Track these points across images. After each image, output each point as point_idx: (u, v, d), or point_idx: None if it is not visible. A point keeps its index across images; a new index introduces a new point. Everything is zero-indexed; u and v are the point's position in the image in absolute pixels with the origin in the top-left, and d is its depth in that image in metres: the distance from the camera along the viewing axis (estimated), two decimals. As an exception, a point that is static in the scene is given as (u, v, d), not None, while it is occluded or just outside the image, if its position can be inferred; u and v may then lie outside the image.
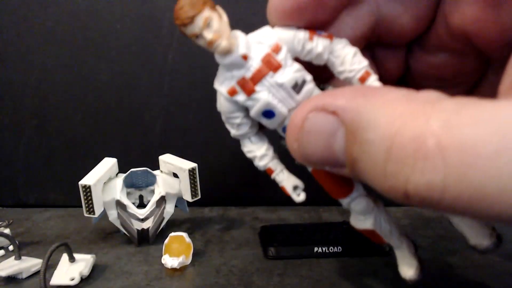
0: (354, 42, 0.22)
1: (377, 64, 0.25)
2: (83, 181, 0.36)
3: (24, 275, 0.33)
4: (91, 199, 0.37)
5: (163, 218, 0.40)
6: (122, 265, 0.35)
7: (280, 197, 0.28)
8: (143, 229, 0.39)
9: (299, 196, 0.22)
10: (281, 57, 0.20)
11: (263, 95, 0.20)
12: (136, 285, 0.32)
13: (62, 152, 0.51)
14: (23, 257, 0.34)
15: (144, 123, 0.50)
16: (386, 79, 0.22)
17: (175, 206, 0.41)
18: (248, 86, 0.20)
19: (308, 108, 0.18)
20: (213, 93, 0.23)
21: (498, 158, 0.12)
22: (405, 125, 0.14)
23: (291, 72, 0.20)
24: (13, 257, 0.34)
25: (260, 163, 0.23)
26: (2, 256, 0.37)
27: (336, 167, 0.18)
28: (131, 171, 0.41)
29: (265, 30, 0.21)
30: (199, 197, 0.40)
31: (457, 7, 0.21)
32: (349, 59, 0.21)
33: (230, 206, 0.49)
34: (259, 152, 0.22)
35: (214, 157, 0.50)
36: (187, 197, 0.40)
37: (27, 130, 0.51)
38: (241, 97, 0.20)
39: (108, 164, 0.40)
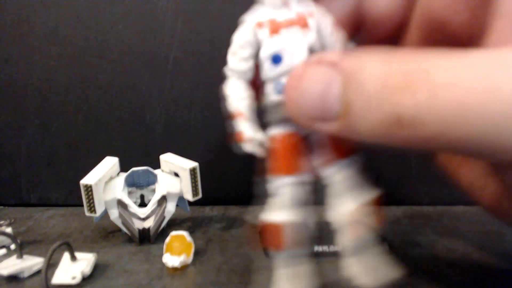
0: (342, 25, 0.24)
1: None
2: (85, 181, 0.37)
3: (26, 274, 0.33)
4: (93, 198, 0.37)
5: (164, 217, 0.40)
6: (124, 264, 0.35)
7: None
8: (144, 228, 0.39)
9: (253, 148, 0.22)
10: (311, 22, 0.22)
11: (283, 39, 0.22)
12: (137, 284, 0.32)
13: (64, 151, 0.51)
14: (24, 256, 0.34)
15: (146, 122, 0.50)
16: None
17: (176, 205, 0.41)
18: (275, 26, 0.22)
19: (309, 61, 0.20)
20: (214, 92, 0.23)
21: (469, 87, 0.15)
22: (396, 65, 0.17)
23: (313, 36, 0.22)
24: (15, 256, 0.34)
25: (234, 103, 0.23)
26: (4, 255, 0.37)
27: (327, 120, 0.19)
28: (132, 170, 0.41)
29: (310, 2, 0.23)
30: (200, 196, 0.41)
31: (435, 1, 0.23)
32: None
33: (231, 205, 0.49)
34: (240, 94, 0.23)
35: (215, 156, 0.50)
36: (188, 196, 0.40)
37: (29, 130, 0.51)
38: (264, 33, 0.22)
39: (110, 163, 0.40)
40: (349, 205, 0.22)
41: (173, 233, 0.35)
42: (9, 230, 0.39)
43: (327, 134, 0.20)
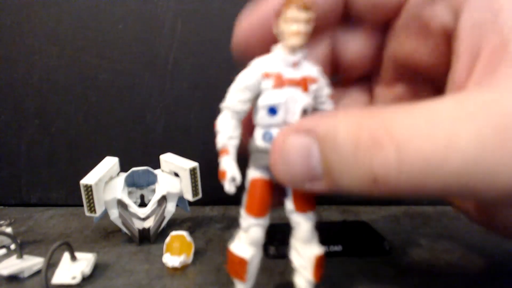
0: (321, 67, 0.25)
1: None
2: (85, 181, 0.37)
3: (26, 274, 0.33)
4: (93, 198, 0.37)
5: (164, 217, 0.40)
6: (124, 264, 0.35)
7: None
8: (144, 228, 0.39)
9: (231, 187, 0.24)
10: (312, 88, 0.24)
11: (283, 95, 0.23)
12: (137, 284, 0.32)
13: (64, 151, 0.51)
14: (24, 256, 0.34)
15: (146, 122, 0.50)
16: None
17: (176, 205, 0.41)
18: (280, 81, 0.23)
19: (286, 131, 0.22)
20: (214, 92, 0.23)
21: (430, 131, 0.17)
22: (364, 125, 0.18)
23: (309, 101, 0.24)
24: (15, 256, 0.34)
25: (224, 141, 0.24)
26: (4, 255, 0.37)
27: (314, 180, 0.21)
28: (132, 170, 0.41)
29: (315, 67, 0.24)
30: (200, 196, 0.41)
31: (399, 43, 0.26)
32: None
33: (231, 205, 0.49)
34: (230, 132, 0.24)
35: (215, 156, 0.49)
36: (188, 196, 0.40)
37: (29, 130, 0.51)
38: (268, 84, 0.23)
39: (110, 163, 0.40)
40: (310, 252, 0.25)
41: (173, 233, 0.35)
42: (9, 230, 0.39)
43: (317, 192, 0.22)
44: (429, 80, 0.26)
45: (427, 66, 0.25)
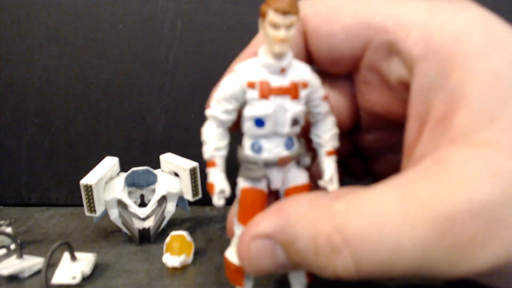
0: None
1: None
2: (85, 180, 0.37)
3: (26, 274, 0.33)
4: (93, 198, 0.37)
5: (164, 217, 0.40)
6: (123, 264, 0.35)
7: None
8: (144, 228, 0.39)
9: (220, 201, 0.23)
10: (302, 93, 0.22)
11: (270, 106, 0.22)
12: (137, 284, 0.32)
13: (64, 151, 0.51)
14: (24, 256, 0.34)
15: (146, 122, 0.50)
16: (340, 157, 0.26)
17: (176, 205, 0.41)
18: (266, 91, 0.21)
19: (248, 236, 0.22)
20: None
21: (379, 237, 0.18)
22: (320, 228, 0.19)
23: (301, 108, 0.22)
24: (15, 256, 0.34)
25: (211, 152, 0.23)
26: (4, 255, 0.37)
27: (284, 269, 0.22)
28: (132, 170, 0.41)
29: (306, 66, 0.23)
30: (200, 196, 0.41)
31: (364, 96, 0.26)
32: (329, 134, 0.25)
33: (231, 205, 0.49)
34: (217, 142, 0.23)
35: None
36: (188, 196, 0.40)
37: (29, 130, 0.51)
38: (253, 94, 0.22)
39: (110, 163, 0.40)
40: None
41: (173, 233, 0.35)
42: (9, 230, 0.39)
43: None
44: (402, 124, 0.25)
45: (397, 114, 0.25)
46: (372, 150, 0.29)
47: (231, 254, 0.25)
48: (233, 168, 0.25)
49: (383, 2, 0.23)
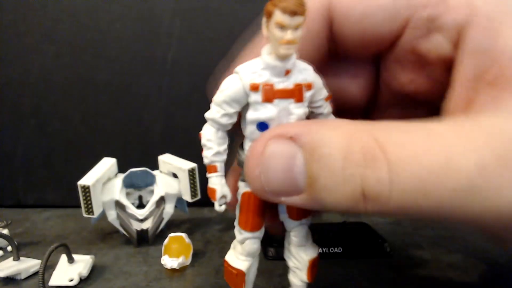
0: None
1: None
2: (82, 181, 0.36)
3: (23, 276, 0.33)
4: (90, 200, 0.36)
5: (163, 219, 0.40)
6: (121, 265, 0.35)
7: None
8: (142, 229, 0.39)
9: (221, 207, 0.23)
10: (307, 95, 0.21)
11: (273, 109, 0.21)
12: (135, 286, 0.31)
13: (61, 152, 0.51)
14: (21, 258, 0.34)
15: (144, 123, 0.50)
16: None
17: (175, 206, 0.41)
18: (270, 94, 0.21)
19: (268, 136, 0.20)
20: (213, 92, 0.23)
21: (428, 152, 0.16)
22: (356, 137, 0.17)
23: (304, 110, 0.22)
24: (12, 257, 0.34)
25: (211, 157, 0.22)
26: (1, 256, 0.37)
27: (294, 194, 0.19)
28: (130, 171, 0.40)
29: (309, 66, 0.22)
30: (199, 197, 0.40)
31: (395, 75, 0.25)
32: None
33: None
34: (217, 147, 0.22)
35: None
36: (187, 197, 0.40)
37: (26, 130, 0.50)
38: (256, 97, 0.21)
39: (107, 164, 0.40)
40: (304, 255, 0.25)
41: (172, 234, 0.35)
42: (6, 231, 0.39)
43: (292, 205, 0.21)
44: (426, 104, 0.26)
45: (424, 93, 0.25)
46: None
47: (231, 258, 0.24)
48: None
49: None
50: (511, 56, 0.19)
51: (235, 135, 0.24)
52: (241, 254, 0.24)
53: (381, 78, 0.26)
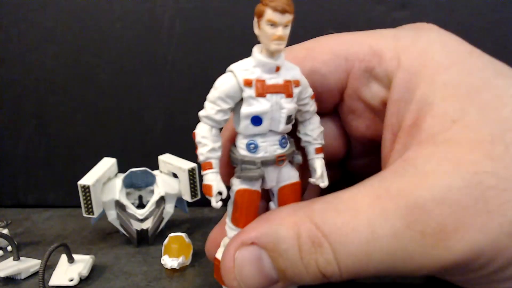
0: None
1: None
2: (82, 181, 0.36)
3: (23, 276, 0.33)
4: (90, 199, 0.36)
5: (163, 219, 0.40)
6: (121, 265, 0.35)
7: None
8: (142, 229, 0.39)
9: (217, 203, 0.23)
10: (295, 91, 0.23)
11: (267, 104, 0.22)
12: (135, 286, 0.31)
13: (62, 152, 0.51)
14: (21, 258, 0.34)
15: (144, 123, 0.50)
16: None
17: (175, 206, 0.41)
18: (262, 88, 0.22)
19: (233, 248, 0.22)
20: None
21: (355, 230, 0.20)
22: (301, 228, 0.21)
23: (294, 105, 0.23)
24: (12, 257, 0.34)
25: (206, 154, 0.23)
26: (1, 256, 0.37)
27: (272, 285, 0.22)
28: (130, 171, 0.40)
29: (296, 66, 0.24)
30: (199, 197, 0.40)
31: (352, 124, 0.28)
32: (317, 132, 0.26)
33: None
34: (212, 144, 0.23)
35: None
36: (187, 197, 0.40)
37: (26, 130, 0.50)
38: (250, 92, 0.22)
39: (107, 164, 0.40)
40: None
41: (172, 234, 0.35)
42: (6, 231, 0.39)
43: None
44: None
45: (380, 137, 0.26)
46: (363, 174, 0.29)
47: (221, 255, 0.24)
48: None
49: (353, 36, 0.26)
50: (423, 107, 0.22)
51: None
52: None
53: (345, 129, 0.29)
